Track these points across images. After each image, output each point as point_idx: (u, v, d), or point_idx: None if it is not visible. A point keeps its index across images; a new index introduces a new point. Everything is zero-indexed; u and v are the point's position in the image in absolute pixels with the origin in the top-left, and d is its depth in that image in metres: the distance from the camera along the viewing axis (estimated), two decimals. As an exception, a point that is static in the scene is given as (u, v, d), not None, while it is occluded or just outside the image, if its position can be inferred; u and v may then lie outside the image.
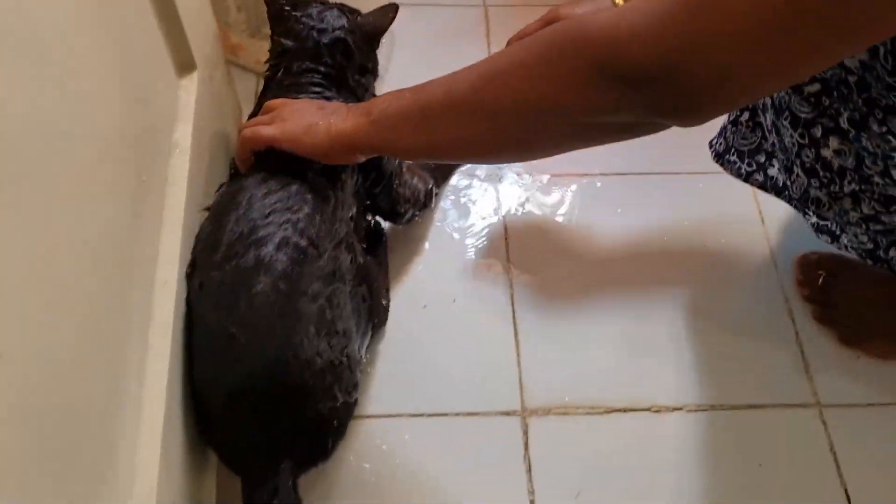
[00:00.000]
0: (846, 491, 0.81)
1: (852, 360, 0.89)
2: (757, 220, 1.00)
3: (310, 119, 0.68)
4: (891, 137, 0.58)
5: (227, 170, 0.84)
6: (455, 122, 0.59)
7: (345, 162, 0.70)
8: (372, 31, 0.84)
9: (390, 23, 0.85)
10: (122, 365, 0.54)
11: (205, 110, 0.76)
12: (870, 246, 0.76)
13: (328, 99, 0.78)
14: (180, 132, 0.70)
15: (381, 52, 0.87)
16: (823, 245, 0.85)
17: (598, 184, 1.04)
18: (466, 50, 1.14)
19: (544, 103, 0.53)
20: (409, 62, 1.15)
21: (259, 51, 1.06)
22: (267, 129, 0.69)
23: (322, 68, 0.80)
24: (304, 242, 0.64)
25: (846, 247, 0.79)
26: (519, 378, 0.86)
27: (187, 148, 0.69)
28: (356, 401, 0.71)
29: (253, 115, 0.82)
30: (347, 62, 0.81)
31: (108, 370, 0.52)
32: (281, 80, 0.80)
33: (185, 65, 0.74)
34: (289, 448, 0.64)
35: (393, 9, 0.85)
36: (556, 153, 0.60)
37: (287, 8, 0.82)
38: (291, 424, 0.64)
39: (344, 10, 0.83)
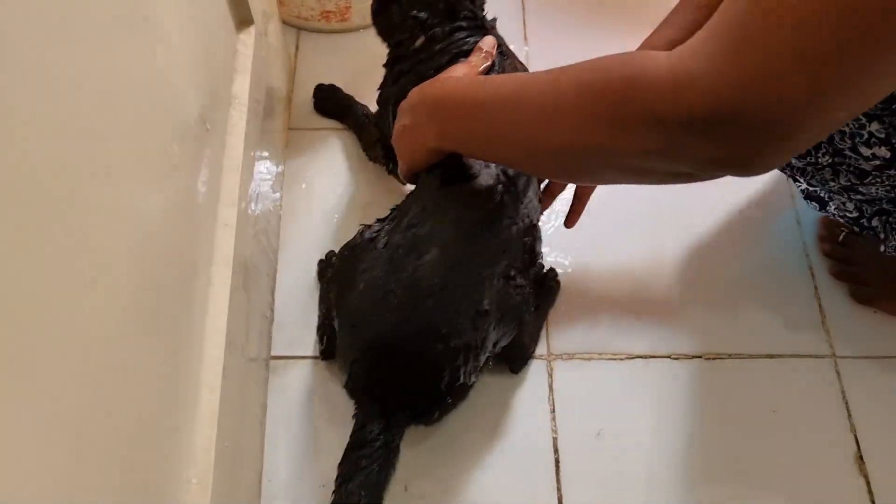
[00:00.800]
0: (856, 438, 0.85)
1: (868, 314, 0.93)
2: (781, 176, 1.03)
3: (407, 148, 0.72)
4: (860, 115, 0.61)
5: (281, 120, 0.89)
6: (515, 155, 0.60)
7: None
8: None
9: None
10: (188, 301, 0.60)
11: (260, 63, 0.80)
12: (855, 214, 0.79)
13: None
14: (238, 84, 0.75)
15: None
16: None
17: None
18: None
19: (594, 147, 0.51)
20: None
21: (301, 5, 1.10)
22: (402, 171, 0.75)
23: (464, 23, 0.80)
24: (474, 228, 0.71)
25: (834, 214, 0.82)
26: (546, 326, 0.91)
27: (245, 100, 0.74)
28: (473, 384, 0.77)
29: (383, 83, 0.87)
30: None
31: (178, 303, 0.57)
32: (423, 51, 0.80)
33: (243, 20, 0.78)
34: (406, 401, 0.73)
35: None
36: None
37: None
38: (416, 384, 0.72)
39: None
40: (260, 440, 0.80)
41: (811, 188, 0.82)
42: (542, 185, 0.84)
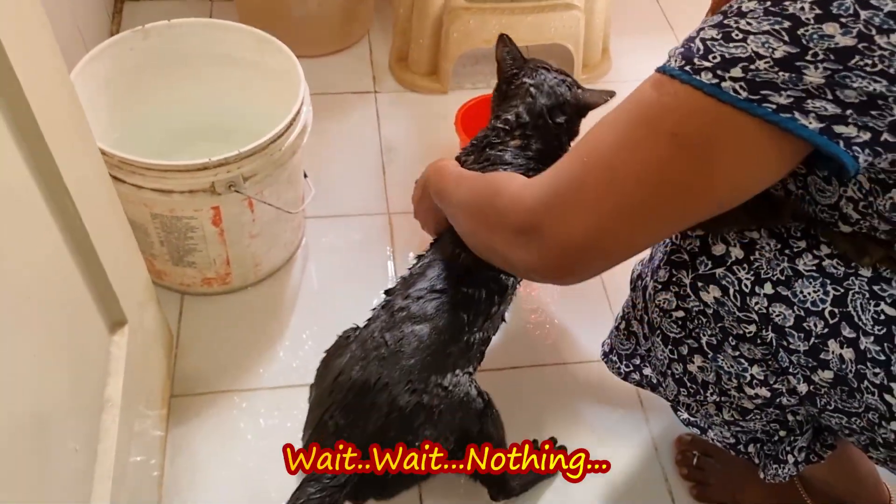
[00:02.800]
0: None
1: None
2: (637, 404, 1.13)
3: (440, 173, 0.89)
4: (742, 360, 0.70)
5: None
6: (453, 221, 0.82)
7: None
8: (586, 105, 0.98)
9: (604, 103, 0.99)
10: None
11: (135, 360, 0.84)
12: (732, 440, 0.88)
13: (529, 165, 0.96)
14: (112, 387, 0.78)
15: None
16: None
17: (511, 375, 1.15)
18: (374, 253, 1.28)
19: (482, 237, 0.72)
20: (326, 267, 1.27)
21: (181, 276, 1.17)
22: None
23: (545, 143, 0.96)
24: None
25: (713, 439, 0.91)
26: None
27: (118, 402, 0.77)
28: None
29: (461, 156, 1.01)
30: (566, 133, 0.98)
31: None
32: (508, 141, 0.97)
33: (116, 322, 0.83)
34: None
35: (610, 94, 1.00)
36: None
37: (516, 71, 1.01)
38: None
39: (565, 80, 0.99)
40: None
41: (692, 418, 0.90)
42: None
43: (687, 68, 0.53)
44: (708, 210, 0.57)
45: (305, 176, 1.22)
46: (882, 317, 0.62)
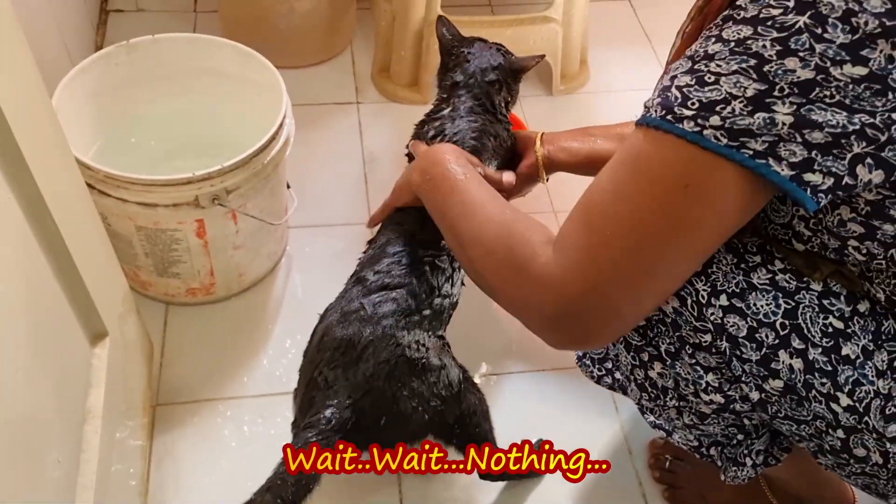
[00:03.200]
0: None
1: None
2: (612, 409, 1.15)
3: (404, 179, 0.92)
4: (698, 367, 0.73)
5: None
6: (448, 238, 0.81)
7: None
8: (519, 68, 1.09)
9: (533, 66, 1.10)
10: None
11: (117, 371, 0.86)
12: (695, 443, 0.90)
13: (479, 123, 1.02)
14: (93, 398, 0.80)
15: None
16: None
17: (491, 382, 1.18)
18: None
19: (489, 282, 0.71)
20: (309, 277, 1.30)
21: (165, 286, 1.18)
22: (403, 182, 0.94)
23: (480, 103, 1.05)
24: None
25: (678, 442, 0.94)
26: None
27: (99, 412, 0.79)
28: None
29: (415, 135, 1.06)
30: (498, 93, 1.06)
31: None
32: (443, 109, 1.06)
33: (97, 334, 0.85)
34: None
35: (540, 57, 1.11)
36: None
37: (456, 44, 1.11)
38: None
39: (500, 49, 1.10)
40: None
41: (657, 421, 0.93)
42: None
43: (669, 117, 0.56)
44: (706, 247, 0.60)
45: (288, 186, 1.24)
46: (830, 329, 0.65)
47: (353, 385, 0.82)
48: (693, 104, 0.55)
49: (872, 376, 0.66)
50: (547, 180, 1.06)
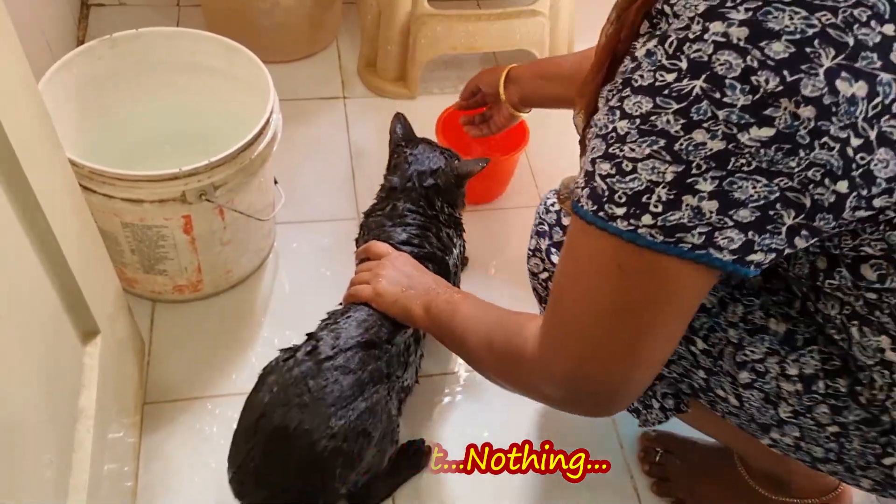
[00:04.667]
0: None
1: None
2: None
3: (394, 294, 0.90)
4: None
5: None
6: (468, 359, 0.83)
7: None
8: (463, 173, 1.07)
9: (480, 170, 1.08)
10: None
11: (108, 371, 0.85)
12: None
13: (418, 224, 1.03)
14: (85, 398, 0.79)
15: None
16: (662, 425, 1.00)
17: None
18: (344, 258, 1.29)
19: (496, 377, 0.76)
20: (297, 273, 1.29)
21: (153, 283, 1.17)
22: (365, 293, 0.92)
23: (418, 206, 1.04)
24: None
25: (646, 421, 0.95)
26: None
27: (92, 412, 0.78)
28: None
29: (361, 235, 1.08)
30: (438, 197, 1.06)
31: None
32: (383, 209, 1.05)
33: (88, 332, 0.84)
34: None
35: (485, 161, 1.09)
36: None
37: (401, 145, 1.10)
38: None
39: (444, 153, 1.09)
40: None
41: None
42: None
43: (601, 214, 0.55)
44: (676, 314, 0.59)
45: (276, 182, 1.24)
46: None
47: (282, 478, 0.84)
48: (621, 198, 0.53)
49: (725, 325, 0.72)
50: (528, 112, 1.17)
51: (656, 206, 0.52)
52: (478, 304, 0.82)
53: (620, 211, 0.54)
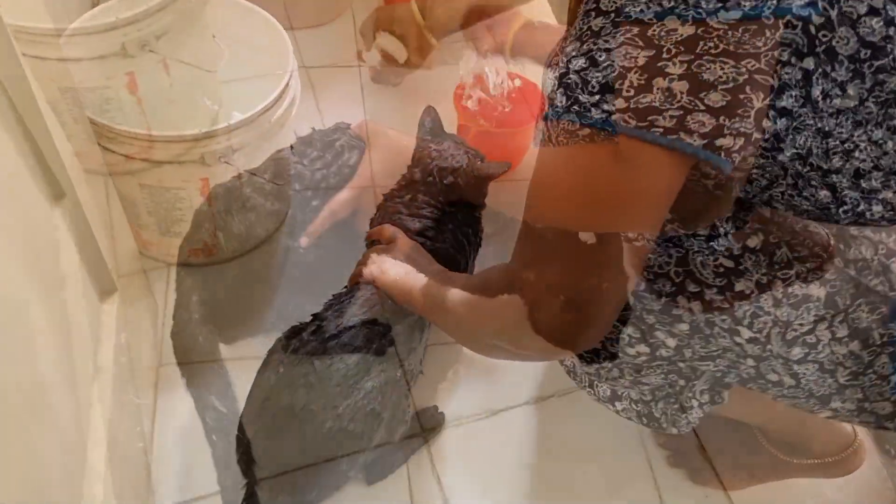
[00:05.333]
0: None
1: (701, 497, 1.04)
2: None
3: (396, 275, 0.90)
4: (618, 324, 0.76)
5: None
6: (461, 336, 0.86)
7: None
8: (484, 175, 1.03)
9: (501, 173, 1.03)
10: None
11: (125, 328, 0.86)
12: (644, 410, 0.91)
13: (434, 217, 1.01)
14: (102, 355, 0.80)
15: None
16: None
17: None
18: (360, 222, 1.29)
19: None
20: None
21: (168, 246, 1.17)
22: (369, 273, 0.92)
23: (437, 201, 1.02)
24: None
25: (624, 412, 0.93)
26: None
27: (110, 369, 0.79)
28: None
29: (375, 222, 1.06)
30: (457, 195, 1.03)
31: None
32: (402, 198, 1.04)
33: (106, 290, 0.84)
34: None
35: (507, 164, 1.04)
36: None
37: (427, 137, 1.08)
38: None
39: (469, 153, 1.04)
40: None
41: (612, 388, 0.94)
42: None
43: (575, 108, 0.56)
44: (648, 217, 0.60)
45: (292, 148, 1.23)
46: (721, 269, 0.69)
47: (289, 456, 0.85)
48: (594, 87, 0.55)
49: (769, 307, 0.70)
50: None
51: (629, 91, 0.54)
52: (470, 280, 0.82)
53: (594, 99, 0.55)
